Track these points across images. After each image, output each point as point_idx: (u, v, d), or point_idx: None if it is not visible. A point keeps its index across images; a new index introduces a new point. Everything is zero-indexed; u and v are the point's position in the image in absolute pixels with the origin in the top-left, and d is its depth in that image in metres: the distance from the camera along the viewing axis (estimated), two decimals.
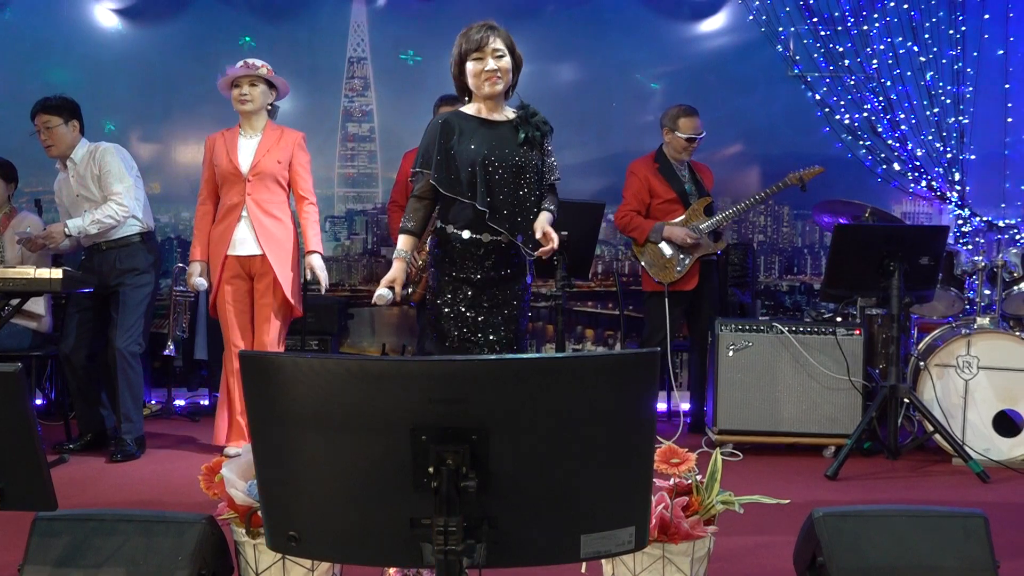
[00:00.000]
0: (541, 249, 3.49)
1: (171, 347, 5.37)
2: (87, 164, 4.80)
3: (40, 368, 5.79)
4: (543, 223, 3.50)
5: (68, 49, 6.61)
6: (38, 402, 5.96)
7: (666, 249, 5.35)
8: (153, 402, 6.14)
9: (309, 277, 4.79)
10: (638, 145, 6.29)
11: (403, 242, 3.55)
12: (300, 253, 4.84)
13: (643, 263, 5.43)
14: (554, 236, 3.48)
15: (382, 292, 3.47)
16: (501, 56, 3.43)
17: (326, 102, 6.83)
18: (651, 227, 5.35)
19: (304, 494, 1.54)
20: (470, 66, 3.43)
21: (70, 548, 2.33)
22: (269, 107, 4.82)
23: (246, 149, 4.74)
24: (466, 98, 3.57)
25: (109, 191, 4.74)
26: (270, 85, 4.78)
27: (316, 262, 4.77)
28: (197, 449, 4.98)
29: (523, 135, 3.49)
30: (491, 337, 3.51)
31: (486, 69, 3.41)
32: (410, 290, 5.17)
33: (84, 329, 4.88)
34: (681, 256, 5.33)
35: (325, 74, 6.80)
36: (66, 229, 4.67)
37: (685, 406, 5.68)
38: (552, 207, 3.61)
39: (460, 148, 3.45)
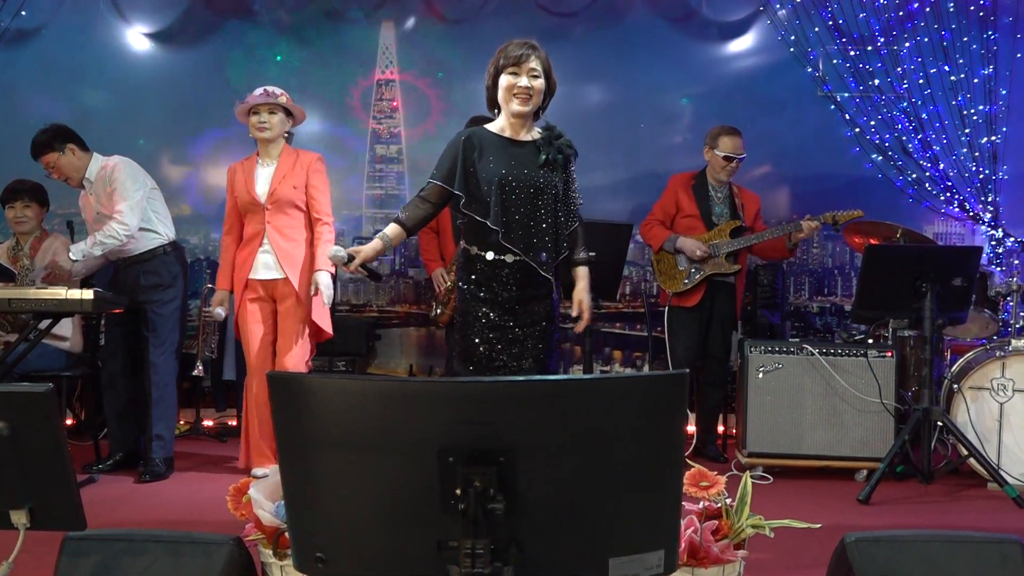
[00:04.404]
0: (578, 324, 3.64)
1: (200, 367, 5.40)
2: (101, 181, 4.81)
3: (70, 388, 5.83)
4: (582, 295, 3.62)
5: (100, 72, 6.73)
6: (68, 422, 6.01)
7: (680, 261, 5.35)
8: (182, 422, 6.17)
9: (312, 293, 4.76)
10: (666, 166, 6.30)
11: (389, 228, 3.52)
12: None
13: (656, 271, 5.48)
14: (587, 315, 3.64)
15: (337, 249, 3.38)
16: (536, 76, 3.44)
17: (354, 124, 6.89)
18: (667, 236, 5.37)
19: (331, 515, 1.55)
20: (504, 80, 3.44)
21: (99, 568, 2.34)
22: (286, 134, 4.83)
23: (263, 178, 4.75)
24: (496, 111, 3.57)
25: (113, 209, 4.71)
26: (288, 113, 4.79)
27: (322, 278, 4.69)
28: (225, 470, 5.00)
29: (544, 156, 3.49)
30: (519, 358, 3.51)
31: (519, 85, 3.42)
32: (438, 311, 5.19)
33: (127, 347, 4.91)
34: (692, 271, 5.32)
35: (353, 96, 6.86)
36: (71, 255, 4.64)
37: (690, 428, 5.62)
38: (583, 255, 3.66)
39: (480, 166, 3.46)
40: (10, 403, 1.99)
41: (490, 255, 3.47)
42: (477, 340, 3.50)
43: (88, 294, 4.37)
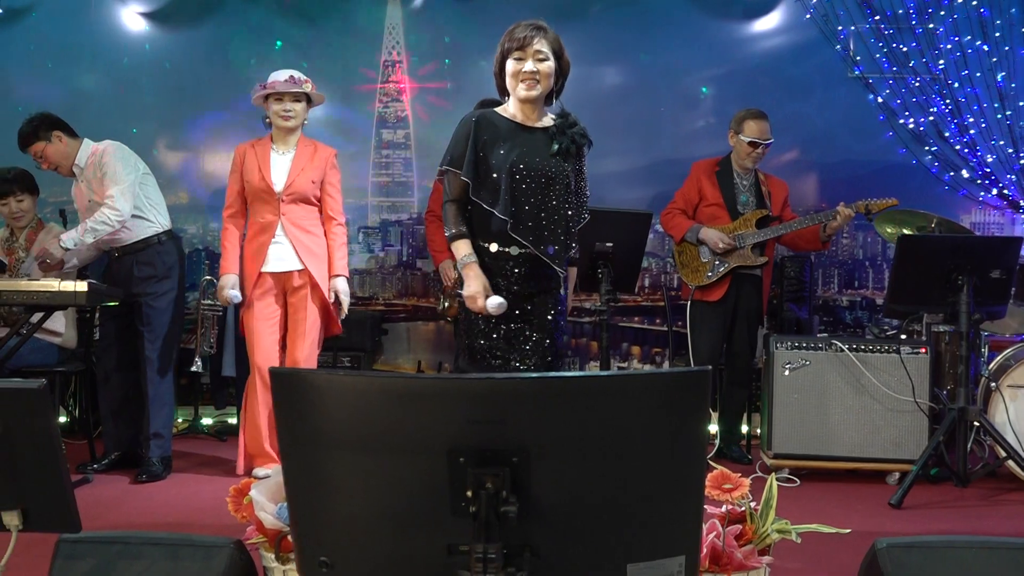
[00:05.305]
0: None
1: (198, 363, 5.42)
2: (92, 168, 4.82)
3: (64, 384, 5.87)
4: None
5: (95, 54, 6.75)
6: (62, 420, 6.05)
7: (703, 253, 5.35)
8: (180, 420, 6.21)
9: (332, 301, 4.83)
10: (687, 152, 6.28)
11: (465, 246, 3.48)
12: None
13: (678, 263, 5.48)
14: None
15: (499, 300, 3.38)
16: (543, 59, 3.43)
17: (359, 108, 6.90)
18: (689, 227, 5.37)
19: (336, 518, 1.55)
20: (509, 65, 3.44)
21: (94, 572, 2.36)
22: (304, 121, 4.86)
23: (280, 166, 4.77)
24: (506, 97, 3.57)
25: (104, 194, 4.72)
26: (309, 99, 4.82)
27: (341, 286, 4.82)
28: (224, 470, 5.02)
29: (556, 146, 3.48)
30: (525, 356, 3.51)
31: (524, 70, 3.41)
32: (446, 305, 5.20)
33: (122, 341, 4.92)
34: (716, 263, 5.31)
35: (358, 78, 6.87)
36: (61, 243, 4.65)
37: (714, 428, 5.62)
38: (574, 254, 3.69)
39: (489, 151, 3.45)
40: (1, 400, 2.01)
41: (494, 247, 3.47)
42: (482, 337, 3.50)
43: (82, 286, 4.38)
